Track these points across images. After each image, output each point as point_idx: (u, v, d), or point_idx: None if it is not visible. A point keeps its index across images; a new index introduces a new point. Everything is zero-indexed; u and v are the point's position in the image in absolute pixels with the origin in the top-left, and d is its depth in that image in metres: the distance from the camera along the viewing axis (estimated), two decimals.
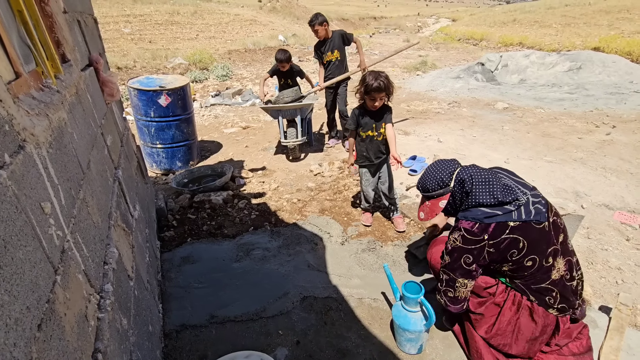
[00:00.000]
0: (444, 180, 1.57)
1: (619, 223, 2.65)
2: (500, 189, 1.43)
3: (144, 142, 3.89)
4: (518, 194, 1.43)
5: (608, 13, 16.98)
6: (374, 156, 2.60)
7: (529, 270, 1.44)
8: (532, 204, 1.43)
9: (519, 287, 1.50)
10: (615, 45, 10.61)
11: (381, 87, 2.31)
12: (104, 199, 1.31)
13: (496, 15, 25.16)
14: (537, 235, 1.40)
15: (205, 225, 2.86)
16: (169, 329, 1.86)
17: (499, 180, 1.47)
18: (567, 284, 1.49)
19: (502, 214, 1.40)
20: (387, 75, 2.37)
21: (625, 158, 3.66)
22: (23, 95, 0.87)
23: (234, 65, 11.37)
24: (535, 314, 1.49)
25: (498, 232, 1.39)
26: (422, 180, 1.64)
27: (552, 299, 1.47)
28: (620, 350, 1.62)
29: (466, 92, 7.00)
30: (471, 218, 1.45)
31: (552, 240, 1.44)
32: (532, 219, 1.39)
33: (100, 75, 1.84)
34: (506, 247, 1.40)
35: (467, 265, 1.47)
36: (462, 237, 1.46)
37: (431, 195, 1.62)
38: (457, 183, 1.54)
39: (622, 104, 5.60)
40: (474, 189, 1.46)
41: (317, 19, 3.91)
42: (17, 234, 0.60)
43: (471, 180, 1.48)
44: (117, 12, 16.82)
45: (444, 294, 1.60)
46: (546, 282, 1.45)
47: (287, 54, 4.03)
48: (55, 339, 0.66)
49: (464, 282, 1.51)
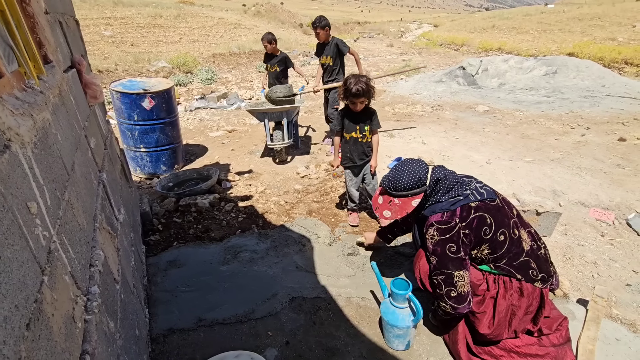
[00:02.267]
0: (421, 178, 1.62)
1: (594, 220, 2.77)
2: (461, 184, 1.60)
3: (128, 145, 3.83)
4: (468, 182, 1.62)
5: (581, 20, 17.73)
6: (358, 158, 2.64)
7: (504, 246, 1.53)
8: (480, 187, 1.61)
9: (504, 269, 1.56)
10: (588, 51, 11.09)
11: (359, 93, 2.34)
12: (88, 201, 1.29)
13: (476, 22, 25.89)
14: (495, 211, 1.54)
15: (192, 228, 2.83)
16: (156, 334, 1.83)
17: (459, 177, 1.65)
18: (537, 253, 1.59)
19: (462, 198, 1.55)
20: (368, 79, 2.38)
21: (598, 158, 3.83)
22: (6, 95, 0.86)
23: (219, 68, 11.30)
24: (524, 290, 1.56)
25: (465, 213, 1.52)
26: (395, 180, 1.65)
27: (534, 271, 1.56)
28: (597, 339, 1.70)
29: (448, 95, 7.17)
30: (439, 210, 1.56)
31: (508, 214, 1.58)
32: (486, 197, 1.56)
33: (83, 77, 1.81)
34: (477, 225, 1.51)
35: (454, 254, 1.51)
36: (437, 230, 1.54)
37: (405, 194, 1.65)
38: (432, 182, 1.63)
39: (596, 106, 5.85)
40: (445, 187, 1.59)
41: (320, 22, 3.99)
42: (4, 233, 0.59)
43: (445, 180, 1.60)
44: (97, 15, 16.47)
45: (447, 298, 1.56)
46: (522, 255, 1.55)
47: (271, 34, 4.49)
48: (43, 338, 0.65)
49: (461, 274, 1.53)
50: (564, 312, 1.84)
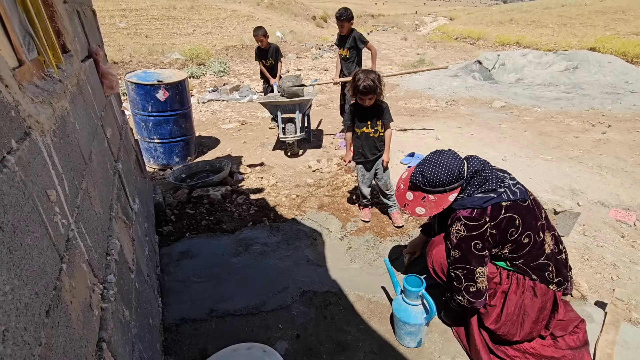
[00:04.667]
0: (460, 172, 1.51)
1: (614, 220, 2.68)
2: (495, 178, 1.52)
3: (142, 136, 3.87)
4: (503, 178, 1.54)
5: (604, 14, 17.12)
6: (370, 152, 2.60)
7: (526, 248, 1.49)
8: (513, 185, 1.53)
9: (520, 268, 1.53)
10: (611, 46, 10.70)
11: (367, 90, 2.30)
12: (105, 190, 1.31)
13: (493, 15, 25.25)
14: (526, 212, 1.48)
15: (204, 220, 2.85)
16: (169, 323, 1.86)
17: (493, 169, 1.58)
18: (557, 257, 1.55)
19: (495, 196, 1.47)
20: (378, 76, 2.34)
21: (620, 157, 3.70)
22: (26, 82, 0.86)
23: (231, 61, 11.31)
24: (538, 291, 1.52)
25: (495, 212, 1.45)
26: (431, 175, 1.52)
27: (550, 274, 1.52)
28: (616, 343, 1.65)
29: (464, 90, 7.02)
30: (469, 205, 1.48)
31: (537, 216, 1.53)
32: (519, 197, 1.48)
33: (99, 67, 1.82)
34: (505, 225, 1.45)
35: (479, 252, 1.48)
36: (464, 226, 1.48)
37: (442, 190, 1.53)
38: (469, 174, 1.52)
39: (618, 103, 5.66)
40: (480, 180, 1.51)
41: (345, 14, 3.98)
42: (25, 220, 0.59)
43: (482, 172, 1.52)
44: (113, 7, 16.63)
45: (465, 292, 1.53)
46: (542, 257, 1.51)
47: (262, 28, 4.57)
48: (62, 326, 0.66)
49: (482, 271, 1.50)
50: (582, 314, 1.79)
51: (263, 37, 4.50)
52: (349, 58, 4.19)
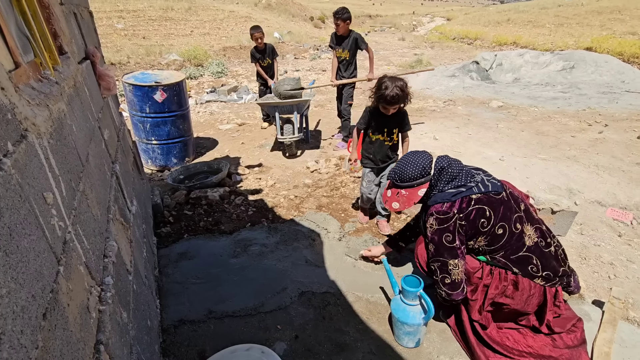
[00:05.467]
0: (425, 168, 1.64)
1: (611, 219, 2.69)
2: (465, 174, 1.62)
3: (139, 138, 3.86)
4: (474, 174, 1.64)
5: (600, 14, 17.19)
6: (381, 161, 2.51)
7: (502, 239, 1.55)
8: (487, 180, 1.62)
9: (500, 261, 1.58)
10: (607, 46, 10.75)
11: (395, 100, 2.17)
12: (102, 192, 1.30)
13: (490, 15, 25.33)
14: (499, 204, 1.55)
15: (202, 221, 2.85)
16: (167, 324, 1.86)
17: (464, 167, 1.66)
18: (544, 250, 1.58)
19: (465, 190, 1.57)
20: (405, 83, 2.20)
21: (617, 156, 3.72)
22: (23, 85, 0.86)
23: (229, 62, 11.30)
24: (519, 284, 1.57)
25: (464, 205, 1.54)
26: (401, 171, 1.68)
27: (534, 267, 1.56)
28: (613, 342, 1.65)
29: (461, 90, 7.04)
30: (440, 200, 1.58)
31: (513, 208, 1.58)
32: (491, 190, 1.56)
33: (97, 68, 1.82)
34: (475, 217, 1.53)
35: (449, 244, 1.56)
36: (436, 220, 1.57)
37: (411, 185, 1.67)
38: (436, 171, 1.65)
39: (614, 103, 5.68)
40: (449, 176, 1.61)
41: (342, 13, 3.90)
42: (22, 223, 0.59)
43: (448, 168, 1.61)
44: (110, 8, 16.58)
45: (442, 284, 1.62)
46: (523, 250, 1.56)
47: (259, 27, 4.56)
48: (59, 328, 0.65)
49: (455, 263, 1.57)
50: (579, 313, 1.80)
51: (261, 36, 4.47)
52: (348, 60, 4.12)
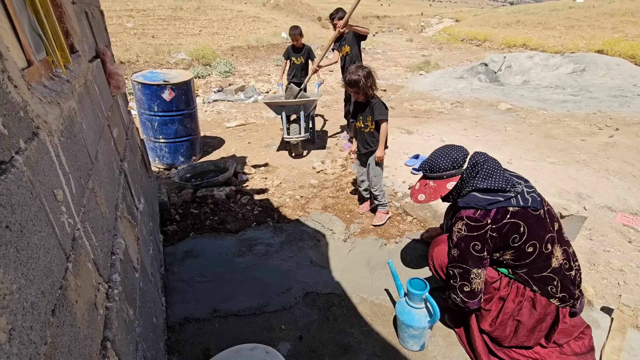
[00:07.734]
0: (458, 160, 1.57)
1: (621, 225, 2.65)
2: (503, 176, 1.51)
3: (147, 136, 3.89)
4: (515, 183, 1.51)
5: (612, 16, 16.94)
6: (362, 146, 2.68)
7: (530, 257, 1.47)
8: (527, 193, 1.51)
9: (521, 277, 1.51)
10: (619, 48, 10.60)
11: (350, 83, 2.41)
12: (110, 190, 1.31)
13: (500, 17, 25.10)
14: (534, 221, 1.45)
15: (208, 220, 2.86)
16: (172, 322, 1.87)
17: (502, 168, 1.55)
18: (566, 273, 1.51)
19: (503, 200, 1.45)
20: (367, 72, 2.39)
21: (628, 160, 3.66)
22: (35, 83, 0.87)
23: (237, 61, 11.35)
24: (537, 303, 1.50)
25: (500, 216, 1.43)
26: (432, 161, 1.62)
27: (554, 288, 1.49)
28: (622, 350, 1.63)
29: (469, 92, 6.99)
30: (473, 205, 1.48)
31: (548, 228, 1.49)
32: (530, 205, 1.45)
33: (107, 67, 1.84)
34: (508, 231, 1.44)
35: (477, 253, 1.48)
36: (466, 226, 1.48)
37: (440, 176, 1.60)
38: (470, 165, 1.56)
39: (626, 106, 5.59)
40: (485, 172, 1.51)
41: (336, 13, 4.00)
42: (32, 219, 0.60)
43: (483, 164, 1.52)
44: (120, 7, 16.76)
45: (459, 291, 1.55)
46: (547, 271, 1.48)
47: (299, 27, 4.52)
48: (67, 325, 0.66)
49: (478, 272, 1.50)
50: (587, 319, 1.78)
51: (299, 36, 4.51)
52: (349, 54, 4.17)
